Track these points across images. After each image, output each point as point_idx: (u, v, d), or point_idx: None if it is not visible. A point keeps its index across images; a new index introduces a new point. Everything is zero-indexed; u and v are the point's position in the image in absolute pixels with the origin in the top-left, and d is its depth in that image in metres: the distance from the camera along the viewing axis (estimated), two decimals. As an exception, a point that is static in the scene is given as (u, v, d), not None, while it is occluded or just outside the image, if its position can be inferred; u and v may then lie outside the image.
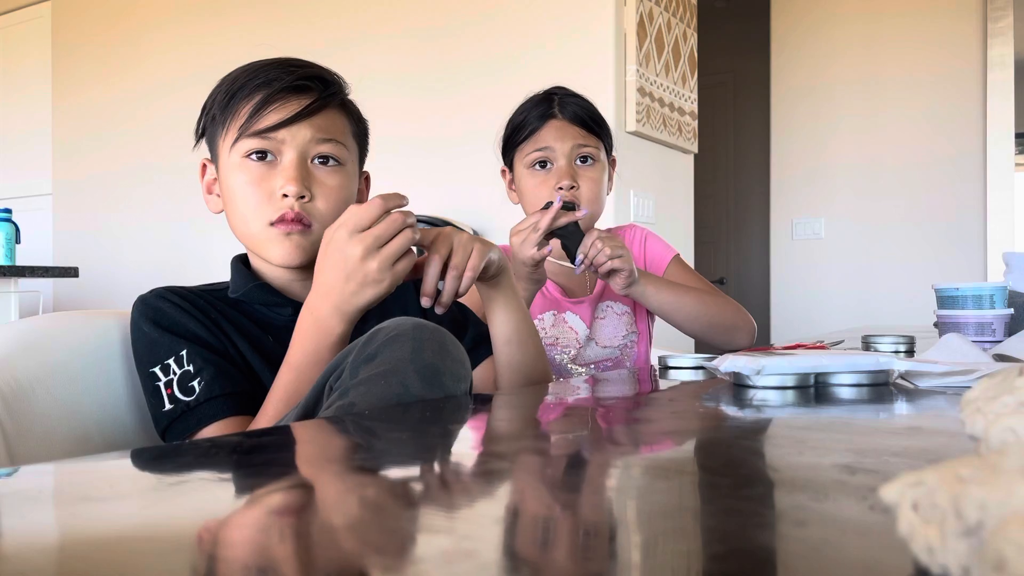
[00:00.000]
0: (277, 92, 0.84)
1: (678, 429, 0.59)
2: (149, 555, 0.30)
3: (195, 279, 0.98)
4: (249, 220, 0.86)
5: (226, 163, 0.87)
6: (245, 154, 0.85)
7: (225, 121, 0.87)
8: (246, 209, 0.86)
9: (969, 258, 3.24)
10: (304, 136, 0.85)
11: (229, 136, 0.86)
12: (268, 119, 0.84)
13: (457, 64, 2.75)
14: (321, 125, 0.86)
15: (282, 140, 0.85)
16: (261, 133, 0.84)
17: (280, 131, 0.84)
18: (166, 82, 3.49)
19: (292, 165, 0.84)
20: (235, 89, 0.86)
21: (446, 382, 0.68)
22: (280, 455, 0.50)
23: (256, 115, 0.84)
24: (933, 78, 3.32)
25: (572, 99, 1.32)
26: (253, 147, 0.85)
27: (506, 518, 0.34)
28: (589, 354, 1.36)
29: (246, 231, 0.87)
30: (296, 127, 0.85)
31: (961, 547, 0.21)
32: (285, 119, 0.84)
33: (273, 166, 0.85)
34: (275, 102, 0.84)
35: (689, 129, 2.83)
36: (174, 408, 0.79)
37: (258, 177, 0.85)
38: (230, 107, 0.86)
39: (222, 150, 0.88)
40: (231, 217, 0.89)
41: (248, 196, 0.85)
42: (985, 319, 1.21)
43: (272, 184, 0.85)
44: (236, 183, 0.86)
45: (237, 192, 0.86)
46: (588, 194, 1.28)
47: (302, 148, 0.85)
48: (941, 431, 0.53)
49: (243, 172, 0.85)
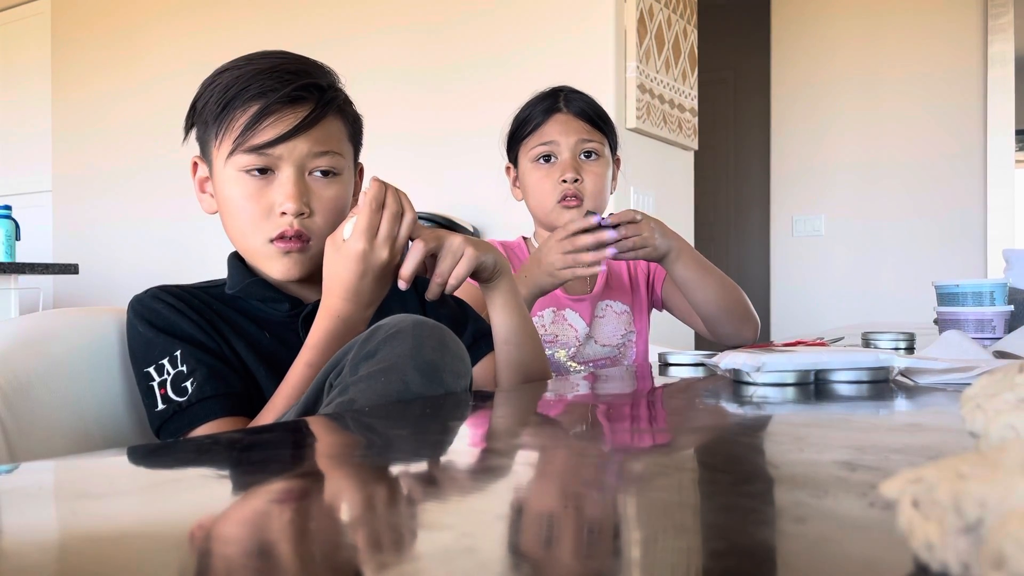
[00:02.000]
0: (273, 104, 0.82)
1: (678, 426, 0.59)
2: (147, 551, 0.30)
3: (194, 275, 0.98)
4: (248, 235, 0.85)
5: (221, 173, 0.86)
6: (241, 169, 0.84)
7: (218, 131, 0.84)
8: (244, 225, 0.85)
9: (969, 255, 3.24)
10: (301, 151, 0.83)
11: (223, 147, 0.84)
12: (265, 134, 0.82)
13: (457, 60, 2.75)
14: (318, 137, 0.84)
15: (279, 156, 0.83)
16: (258, 149, 0.82)
17: (277, 147, 0.82)
18: (166, 77, 3.49)
19: (290, 181, 0.83)
20: (228, 98, 0.83)
21: (446, 379, 0.68)
22: (278, 451, 0.50)
23: (252, 129, 0.82)
24: (934, 74, 3.32)
25: (577, 95, 1.32)
26: (250, 164, 0.83)
27: (506, 514, 0.34)
28: (588, 352, 1.36)
29: (244, 245, 0.87)
30: (293, 142, 0.83)
31: (961, 544, 0.21)
32: (282, 135, 0.82)
33: (270, 180, 0.84)
34: (271, 115, 0.82)
35: (689, 126, 2.83)
36: (167, 408, 0.79)
37: (255, 192, 0.84)
38: (224, 117, 0.84)
39: (216, 157, 0.86)
40: (227, 226, 0.88)
41: (245, 211, 0.84)
42: (985, 316, 1.21)
43: (271, 199, 0.83)
44: (232, 195, 0.85)
45: (234, 204, 0.85)
46: (592, 188, 1.28)
47: (299, 163, 0.84)
48: (941, 428, 0.53)
49: (239, 186, 0.84)
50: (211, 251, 3.16)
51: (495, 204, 1.58)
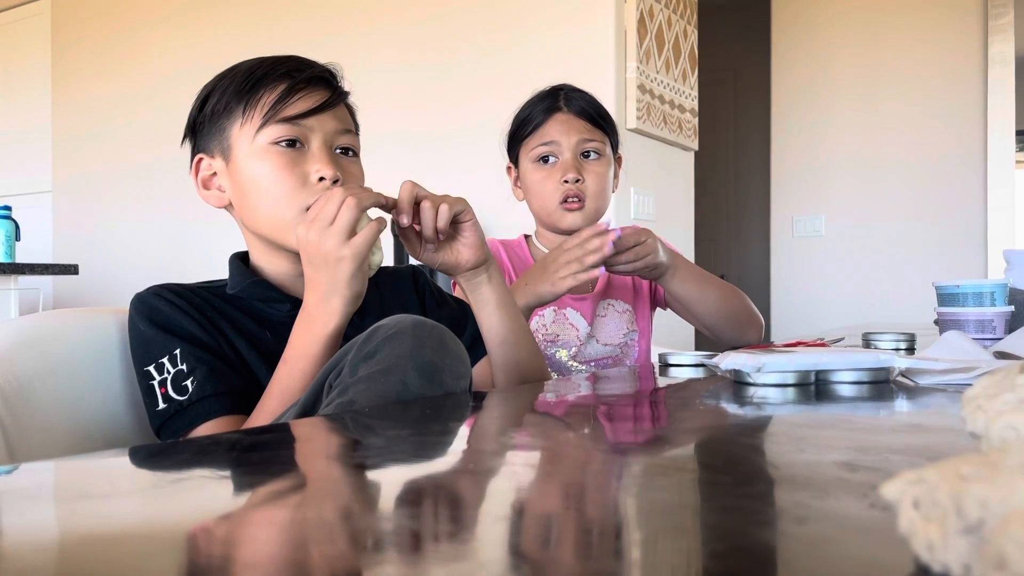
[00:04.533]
0: (301, 82, 0.86)
1: (678, 427, 0.59)
2: (148, 552, 0.30)
3: (195, 276, 0.98)
4: (282, 206, 0.84)
5: (246, 151, 0.86)
6: (273, 141, 0.85)
7: (244, 110, 0.86)
8: (278, 196, 0.85)
9: (969, 255, 3.24)
10: (330, 126, 0.87)
11: (250, 124, 0.85)
12: (297, 106, 0.85)
13: (457, 59, 2.75)
14: (341, 117, 0.89)
15: (310, 128, 0.86)
16: (291, 120, 0.85)
17: (309, 119, 0.86)
18: (166, 78, 3.49)
19: (323, 150, 0.86)
20: (256, 78, 0.86)
21: (446, 379, 0.68)
22: (279, 453, 0.50)
23: (283, 102, 0.85)
24: (934, 75, 3.32)
25: (578, 94, 1.32)
26: (283, 134, 0.85)
27: (505, 516, 0.34)
28: (590, 351, 1.36)
29: (276, 218, 0.85)
30: (323, 116, 0.87)
31: (962, 545, 0.21)
32: (314, 107, 0.86)
33: (302, 153, 0.86)
34: (300, 91, 0.86)
35: (689, 126, 2.83)
36: (168, 407, 0.79)
37: (289, 163, 0.85)
38: (252, 95, 0.86)
39: (239, 140, 0.86)
40: (251, 207, 0.87)
41: (279, 182, 0.84)
42: (985, 316, 1.21)
43: (305, 169, 0.85)
44: (262, 170, 0.85)
45: (264, 179, 0.85)
46: (593, 188, 1.27)
47: (328, 137, 0.87)
48: (942, 428, 0.53)
49: (272, 158, 0.85)
50: (211, 252, 3.16)
51: (495, 203, 1.57)
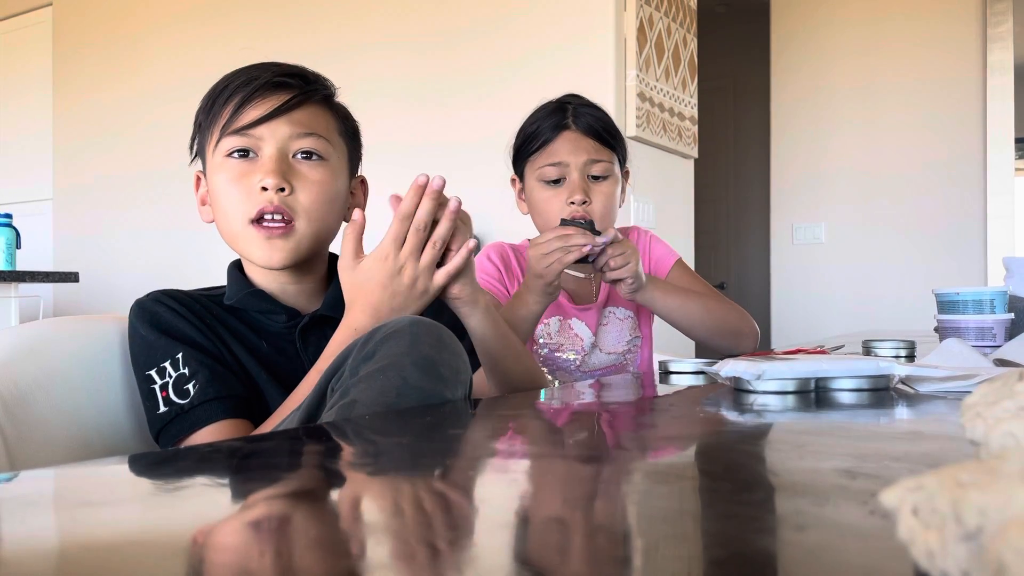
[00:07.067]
0: (256, 90, 0.85)
1: (678, 434, 0.59)
2: (147, 560, 0.30)
3: (194, 284, 0.98)
4: (231, 218, 0.86)
5: (211, 165, 0.88)
6: (226, 153, 0.86)
7: (210, 126, 0.88)
8: (228, 207, 0.86)
9: (969, 263, 3.24)
10: (283, 132, 0.86)
11: (213, 139, 0.87)
12: (247, 116, 0.85)
13: (458, 71, 2.75)
14: (302, 120, 0.87)
15: (260, 137, 0.85)
16: (240, 131, 0.85)
17: (259, 128, 0.85)
18: (167, 87, 3.50)
19: (271, 159, 0.85)
20: (217, 92, 0.87)
21: (444, 373, 0.68)
22: (279, 460, 0.50)
23: (236, 114, 0.85)
24: (933, 83, 3.33)
25: (586, 109, 1.28)
26: (234, 145, 0.85)
27: (508, 522, 0.34)
28: (594, 361, 1.35)
29: (229, 231, 0.87)
30: (275, 123, 0.85)
31: (961, 552, 0.21)
32: (263, 115, 0.85)
33: (254, 163, 0.86)
34: (254, 100, 0.85)
35: (689, 134, 2.84)
36: (169, 411, 0.79)
37: (239, 174, 0.85)
38: (213, 111, 0.87)
39: (208, 155, 0.89)
40: (218, 221, 0.89)
41: (229, 193, 0.86)
42: (985, 324, 1.21)
43: (252, 180, 0.85)
44: (218, 183, 0.87)
45: (219, 192, 0.87)
46: (600, 210, 1.24)
47: (282, 144, 0.86)
48: (941, 436, 0.53)
49: (224, 171, 0.86)
50: (211, 260, 3.15)
51: (498, 214, 1.57)
